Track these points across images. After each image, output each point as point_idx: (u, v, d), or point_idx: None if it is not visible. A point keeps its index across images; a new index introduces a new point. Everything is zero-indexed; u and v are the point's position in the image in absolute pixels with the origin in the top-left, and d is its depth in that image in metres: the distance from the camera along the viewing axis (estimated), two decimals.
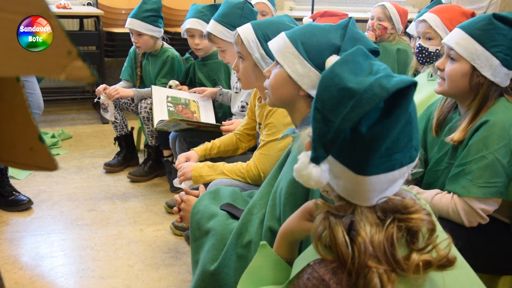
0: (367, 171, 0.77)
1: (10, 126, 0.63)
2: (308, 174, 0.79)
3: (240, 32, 1.69)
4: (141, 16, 2.78)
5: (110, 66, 4.18)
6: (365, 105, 0.74)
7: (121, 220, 2.41)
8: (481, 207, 1.38)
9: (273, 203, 1.22)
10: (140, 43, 2.82)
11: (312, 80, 1.20)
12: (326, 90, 0.79)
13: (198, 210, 1.40)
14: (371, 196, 0.80)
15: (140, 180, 2.87)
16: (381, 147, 0.76)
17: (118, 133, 3.00)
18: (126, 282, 1.94)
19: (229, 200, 1.45)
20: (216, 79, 2.75)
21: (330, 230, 0.81)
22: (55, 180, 2.81)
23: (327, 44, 1.20)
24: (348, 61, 0.81)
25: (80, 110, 4.17)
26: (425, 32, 2.06)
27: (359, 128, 0.75)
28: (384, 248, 0.78)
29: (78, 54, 0.48)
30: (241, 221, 1.28)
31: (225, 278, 1.21)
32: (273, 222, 1.19)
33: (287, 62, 1.22)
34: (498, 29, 1.39)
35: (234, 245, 1.24)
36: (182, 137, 2.32)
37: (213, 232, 1.31)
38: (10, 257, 2.07)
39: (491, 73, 1.40)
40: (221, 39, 2.22)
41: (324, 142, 0.78)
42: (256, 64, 1.70)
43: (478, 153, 1.38)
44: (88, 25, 4.13)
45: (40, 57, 0.49)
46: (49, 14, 0.47)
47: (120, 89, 2.83)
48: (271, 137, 1.75)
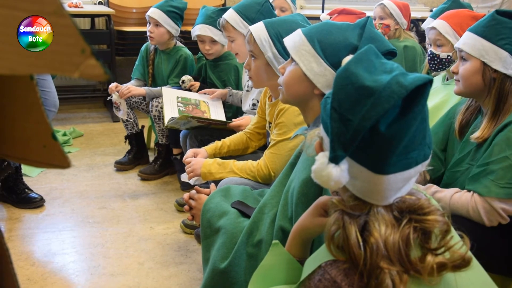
0: (385, 170, 0.77)
1: (23, 124, 0.64)
2: (328, 174, 0.77)
3: (253, 31, 1.68)
4: (165, 9, 2.81)
5: (121, 64, 4.20)
6: (385, 103, 0.73)
7: (132, 218, 2.43)
8: (502, 206, 1.37)
9: (285, 202, 1.21)
10: (155, 34, 2.83)
11: (328, 80, 1.18)
12: (343, 89, 0.78)
13: (209, 208, 1.40)
14: (388, 195, 0.80)
15: (150, 178, 2.88)
16: (399, 146, 0.75)
17: (128, 132, 3.01)
18: (136, 279, 1.95)
19: (240, 198, 1.45)
20: (226, 80, 2.76)
21: (344, 230, 0.80)
22: (67, 177, 2.83)
23: (344, 43, 1.18)
24: (361, 60, 0.80)
25: (91, 108, 4.20)
26: (435, 39, 2.06)
27: (378, 127, 0.74)
28: (399, 249, 0.77)
29: (91, 53, 0.48)
30: (252, 220, 1.27)
31: (235, 276, 1.21)
32: (285, 222, 1.18)
33: (303, 60, 1.20)
34: (502, 23, 1.42)
35: (245, 244, 1.23)
36: (192, 135, 2.33)
37: (224, 231, 1.31)
38: (22, 254, 2.09)
39: (502, 65, 1.42)
40: (234, 27, 2.24)
41: (343, 142, 0.76)
42: (268, 63, 1.69)
43: (501, 154, 1.38)
44: (99, 24, 4.15)
45: (53, 55, 0.50)
46: (63, 13, 0.47)
47: (132, 87, 2.84)
48: (282, 136, 1.75)
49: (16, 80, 0.61)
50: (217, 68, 2.79)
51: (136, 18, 4.13)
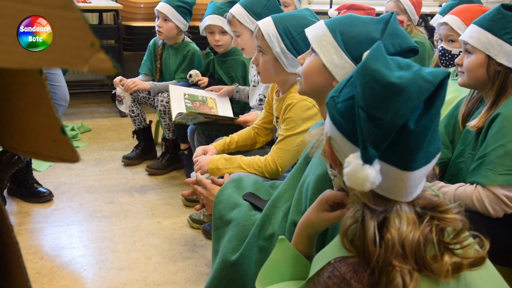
0: (412, 166, 0.76)
1: (33, 118, 0.64)
2: (365, 176, 0.75)
3: (261, 26, 1.68)
4: (174, 4, 2.81)
5: (129, 59, 4.20)
6: (415, 100, 0.73)
7: (139, 213, 2.44)
8: (504, 193, 1.38)
9: (299, 197, 1.20)
10: (163, 28, 2.83)
11: (347, 72, 1.17)
12: (367, 87, 0.77)
13: (222, 200, 1.39)
14: (412, 191, 0.79)
15: (157, 173, 2.89)
16: (425, 141, 0.75)
17: (136, 127, 3.02)
18: (144, 274, 1.96)
19: (252, 189, 1.44)
20: (233, 76, 2.76)
21: (361, 225, 0.79)
22: (75, 172, 2.85)
23: (366, 37, 1.17)
24: (378, 56, 0.79)
25: (99, 103, 4.21)
26: (447, 35, 2.04)
27: (407, 124, 0.73)
28: (418, 246, 0.76)
29: (101, 47, 0.48)
30: (264, 213, 1.26)
31: (246, 269, 1.20)
32: (298, 217, 1.16)
33: (323, 51, 1.19)
34: (508, 17, 1.45)
35: (257, 237, 1.22)
36: (200, 130, 2.33)
37: (235, 223, 1.30)
38: (31, 247, 2.11)
39: (506, 59, 1.44)
40: (240, 22, 2.24)
41: (374, 141, 0.75)
42: (276, 59, 1.69)
43: (496, 143, 1.41)
44: (107, 19, 4.16)
45: (63, 49, 0.50)
46: (73, 6, 0.47)
47: (137, 81, 2.85)
48: (290, 131, 1.74)
49: (25, 74, 0.62)
50: (224, 63, 2.78)
51: (144, 13, 4.13)
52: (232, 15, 2.27)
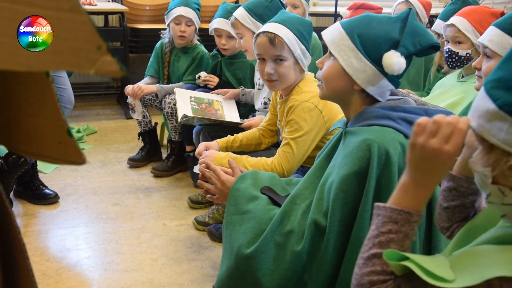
0: None
1: (39, 120, 0.64)
2: None
3: (281, 34, 1.70)
4: (193, 6, 2.82)
5: (134, 62, 4.22)
6: None
7: (145, 215, 2.44)
8: None
9: (320, 196, 1.18)
10: (187, 33, 2.83)
11: (368, 76, 1.15)
12: None
13: (239, 188, 1.34)
14: None
15: (163, 175, 2.89)
16: None
17: (142, 129, 3.03)
18: (149, 275, 1.96)
19: (269, 184, 1.41)
20: (241, 78, 2.75)
21: None
22: (81, 174, 2.86)
23: (385, 37, 1.14)
24: None
25: (105, 105, 4.23)
26: (454, 36, 2.02)
27: None
28: None
29: (107, 49, 0.49)
30: (283, 209, 1.24)
31: (260, 263, 1.18)
32: (319, 216, 1.15)
33: (342, 55, 1.16)
34: None
35: (274, 232, 1.20)
36: (206, 132, 2.34)
37: (252, 215, 1.27)
38: (37, 249, 2.11)
39: None
40: (242, 23, 2.26)
41: None
42: (297, 62, 1.71)
43: None
44: (113, 21, 4.18)
45: (70, 51, 0.50)
46: (80, 10, 0.48)
47: (143, 86, 2.85)
48: (293, 134, 1.74)
49: (32, 76, 0.62)
50: (232, 65, 2.78)
51: (150, 16, 4.14)
52: (235, 18, 2.29)
